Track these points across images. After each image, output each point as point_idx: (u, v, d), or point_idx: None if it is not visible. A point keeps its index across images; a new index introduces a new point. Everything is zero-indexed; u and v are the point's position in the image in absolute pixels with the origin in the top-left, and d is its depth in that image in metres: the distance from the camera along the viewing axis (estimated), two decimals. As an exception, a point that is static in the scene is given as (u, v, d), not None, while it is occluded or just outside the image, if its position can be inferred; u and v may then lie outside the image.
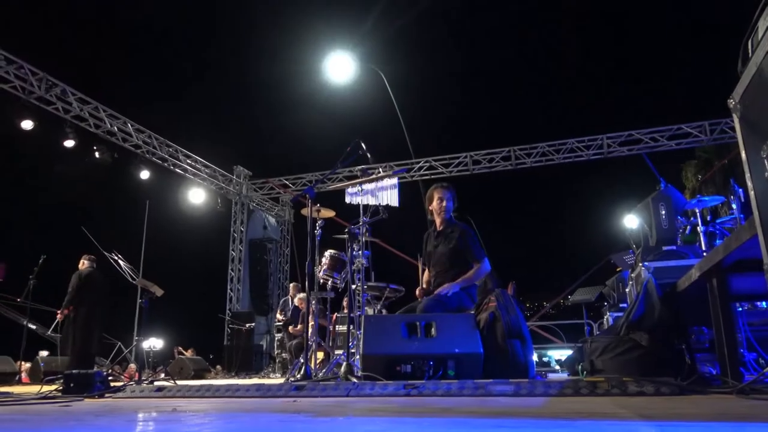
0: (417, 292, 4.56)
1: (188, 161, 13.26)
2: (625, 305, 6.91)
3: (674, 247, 4.43)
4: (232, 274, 14.64)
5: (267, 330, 14.01)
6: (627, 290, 5.46)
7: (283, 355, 10.19)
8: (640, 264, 4.24)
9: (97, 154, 10.83)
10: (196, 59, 19.92)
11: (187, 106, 18.98)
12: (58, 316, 7.74)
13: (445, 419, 1.72)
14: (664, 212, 4.57)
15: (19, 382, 8.59)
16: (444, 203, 4.52)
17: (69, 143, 10.28)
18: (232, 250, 14.80)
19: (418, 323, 3.86)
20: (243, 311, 13.65)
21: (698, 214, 4.97)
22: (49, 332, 10.04)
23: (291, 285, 10.40)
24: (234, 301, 14.39)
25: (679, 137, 12.31)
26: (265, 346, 13.55)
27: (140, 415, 2.01)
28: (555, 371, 10.27)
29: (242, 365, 11.66)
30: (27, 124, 9.50)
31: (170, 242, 14.49)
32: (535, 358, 5.81)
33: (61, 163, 11.45)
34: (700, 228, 4.88)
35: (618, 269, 7.93)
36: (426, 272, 4.70)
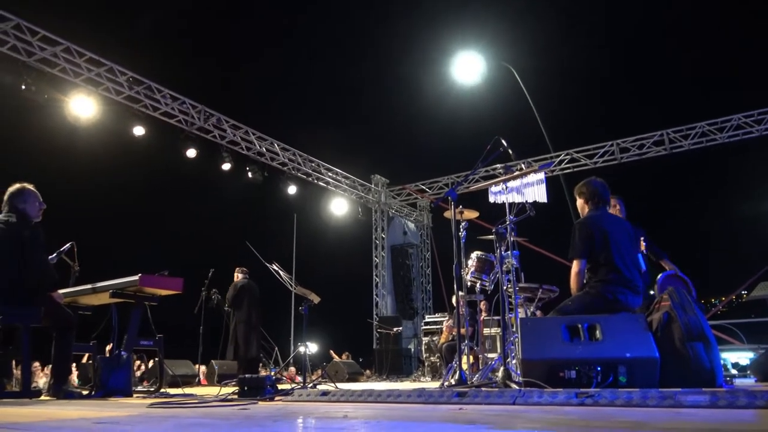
0: None
1: (329, 174, 13.90)
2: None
3: None
4: (377, 279, 15.04)
5: (414, 334, 14.17)
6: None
7: (432, 358, 10.21)
8: None
9: (249, 174, 11.79)
10: (331, 77, 20.88)
11: (325, 121, 19.91)
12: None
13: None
14: None
15: (199, 384, 9.52)
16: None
17: (226, 166, 11.29)
18: (375, 256, 15.22)
19: (580, 325, 3.60)
20: (390, 316, 13.95)
21: None
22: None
23: None
24: (380, 306, 14.77)
25: None
26: (413, 350, 13.70)
27: (314, 422, 2.06)
28: (733, 375, 9.13)
29: (392, 369, 11.88)
30: (191, 153, 10.60)
31: (317, 251, 15.24)
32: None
33: (220, 184, 12.61)
34: None
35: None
36: None
